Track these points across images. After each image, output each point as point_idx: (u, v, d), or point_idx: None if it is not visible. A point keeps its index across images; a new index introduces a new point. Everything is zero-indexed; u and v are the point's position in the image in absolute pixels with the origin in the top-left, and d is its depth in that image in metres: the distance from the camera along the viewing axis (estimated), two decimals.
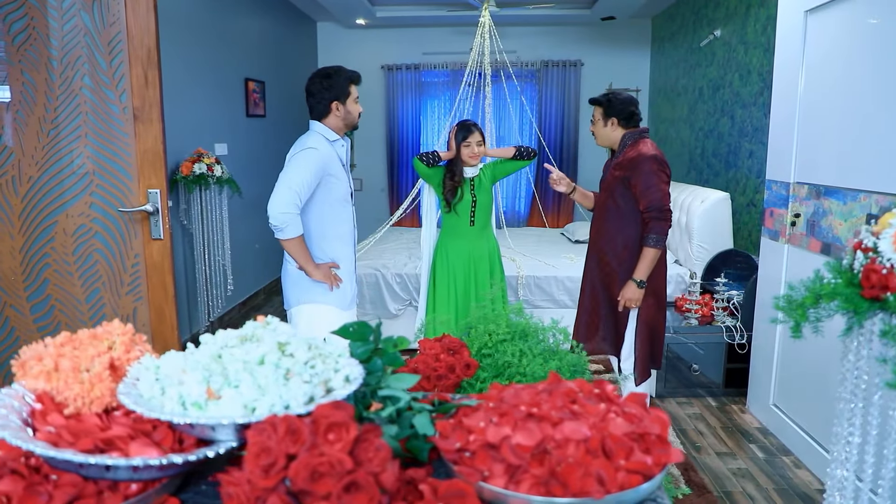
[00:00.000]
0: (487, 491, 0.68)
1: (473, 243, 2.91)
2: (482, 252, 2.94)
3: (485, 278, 2.94)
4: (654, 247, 2.47)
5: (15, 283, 2.35)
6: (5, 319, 2.39)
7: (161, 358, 0.75)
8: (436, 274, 2.91)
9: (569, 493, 0.65)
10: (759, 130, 4.15)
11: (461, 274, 2.89)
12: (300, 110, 6.71)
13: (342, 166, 2.36)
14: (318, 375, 0.71)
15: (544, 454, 0.69)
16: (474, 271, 2.90)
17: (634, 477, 0.68)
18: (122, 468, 0.63)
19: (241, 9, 4.94)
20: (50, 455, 0.60)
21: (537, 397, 0.79)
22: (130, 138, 2.30)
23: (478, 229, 2.94)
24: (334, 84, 2.30)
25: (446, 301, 2.85)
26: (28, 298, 2.37)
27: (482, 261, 2.94)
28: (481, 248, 2.94)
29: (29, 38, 2.22)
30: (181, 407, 0.66)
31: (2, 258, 2.34)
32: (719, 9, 4.87)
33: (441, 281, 2.88)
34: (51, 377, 0.72)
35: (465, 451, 0.73)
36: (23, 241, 2.34)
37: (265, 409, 0.66)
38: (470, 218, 2.89)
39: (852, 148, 2.35)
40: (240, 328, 0.78)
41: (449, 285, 2.87)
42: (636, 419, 0.75)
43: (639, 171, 2.48)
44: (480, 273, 2.92)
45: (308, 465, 0.57)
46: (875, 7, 2.23)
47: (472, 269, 2.90)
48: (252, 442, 0.59)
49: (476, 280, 2.91)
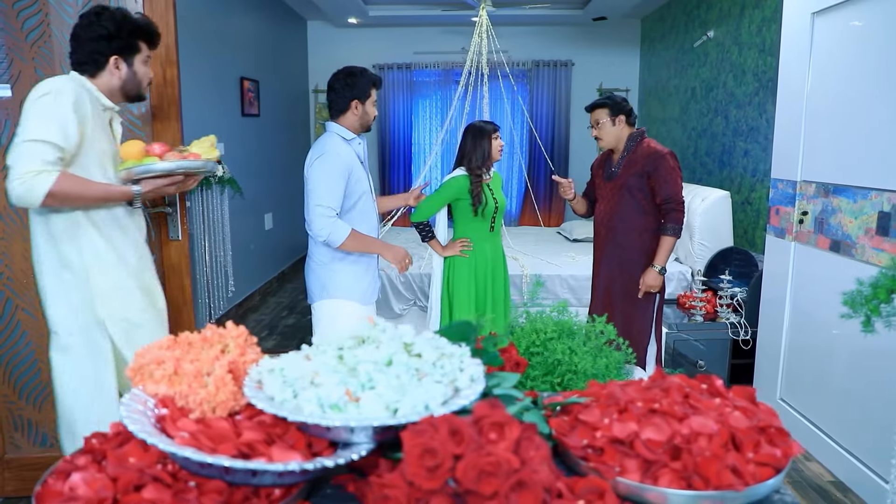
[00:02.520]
0: (622, 486, 0.68)
1: (494, 248, 2.92)
2: (499, 257, 2.95)
3: (500, 283, 2.95)
4: (672, 235, 2.65)
5: (28, 285, 2.29)
6: (17, 323, 2.32)
7: (279, 360, 0.74)
8: (453, 279, 2.87)
9: (710, 486, 0.66)
10: (755, 130, 4.22)
11: (482, 278, 2.88)
12: (293, 110, 6.66)
13: (360, 164, 2.36)
14: (447, 375, 0.71)
15: (676, 449, 0.70)
16: (492, 276, 2.91)
17: (765, 469, 0.69)
18: (269, 473, 0.62)
19: (233, 6, 4.88)
20: (205, 461, 0.59)
21: (648, 393, 0.80)
22: (148, 137, 2.26)
23: (496, 234, 2.93)
24: (357, 83, 2.30)
25: (467, 305, 2.83)
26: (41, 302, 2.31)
27: (499, 266, 2.95)
28: (498, 252, 2.95)
29: (43, 34, 2.17)
30: (320, 409, 0.66)
31: (14, 260, 2.28)
32: (712, 10, 4.95)
33: (461, 286, 2.85)
34: (173, 381, 0.71)
35: (592, 447, 0.73)
36: None
37: (408, 409, 0.65)
38: (491, 223, 2.88)
39: (861, 147, 2.41)
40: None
41: (470, 290, 2.85)
42: (751, 413, 0.77)
43: (658, 167, 2.63)
44: (497, 278, 2.93)
45: (476, 466, 0.57)
46: (882, 9, 2.29)
47: (491, 274, 2.90)
48: (413, 443, 0.59)
49: (493, 284, 2.91)
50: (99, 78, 1.77)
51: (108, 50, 1.74)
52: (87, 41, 1.72)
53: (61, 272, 1.75)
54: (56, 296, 1.77)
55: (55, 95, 1.61)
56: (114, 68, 1.76)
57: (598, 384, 0.89)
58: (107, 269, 1.78)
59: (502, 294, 2.99)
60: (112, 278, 1.79)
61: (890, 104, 2.25)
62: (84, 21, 1.72)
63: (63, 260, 1.75)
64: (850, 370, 2.45)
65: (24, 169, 1.56)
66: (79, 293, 1.76)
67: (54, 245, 1.74)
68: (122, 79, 1.79)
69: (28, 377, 2.36)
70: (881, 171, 2.30)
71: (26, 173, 1.56)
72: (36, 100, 1.61)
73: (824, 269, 2.64)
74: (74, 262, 1.75)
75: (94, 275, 1.76)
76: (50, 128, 1.59)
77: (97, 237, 1.77)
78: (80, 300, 1.76)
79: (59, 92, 1.62)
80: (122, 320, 1.80)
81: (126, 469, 0.62)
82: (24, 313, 2.32)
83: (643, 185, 2.68)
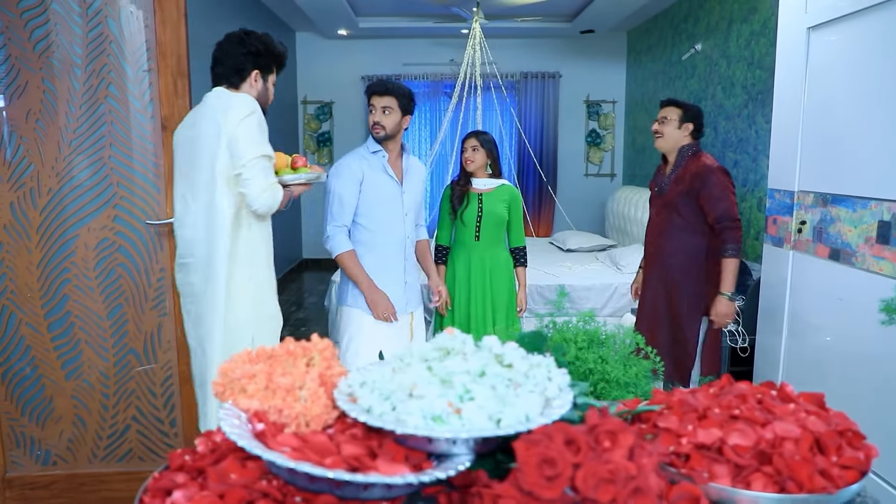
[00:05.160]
0: (714, 491, 0.69)
1: (481, 258, 2.87)
2: (490, 267, 2.89)
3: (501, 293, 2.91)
4: (732, 257, 2.56)
5: (32, 299, 2.25)
6: (20, 338, 2.28)
7: (368, 373, 0.74)
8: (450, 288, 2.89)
9: (804, 490, 0.67)
10: (745, 141, 4.32)
11: (467, 287, 2.87)
12: (283, 120, 6.63)
13: (383, 173, 2.39)
14: (539, 385, 0.72)
15: (762, 454, 0.71)
16: (482, 286, 2.87)
17: (850, 472, 0.71)
18: (378, 486, 0.62)
19: (222, 16, 4.85)
20: (325, 475, 0.59)
21: (723, 400, 0.81)
22: (158, 148, 2.24)
23: (483, 245, 2.89)
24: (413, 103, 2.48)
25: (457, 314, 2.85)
26: (45, 316, 2.27)
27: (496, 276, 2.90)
28: (486, 263, 2.88)
29: (51, 45, 2.15)
30: (423, 421, 0.66)
31: (18, 273, 2.24)
32: (699, 24, 5.07)
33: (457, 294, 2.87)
34: (265, 396, 0.70)
35: (677, 454, 0.74)
36: (41, 255, 2.24)
37: (511, 420, 0.66)
38: (475, 231, 2.87)
39: (860, 158, 2.48)
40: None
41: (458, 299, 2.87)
42: (825, 417, 0.79)
43: (708, 184, 2.54)
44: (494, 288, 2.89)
45: (596, 474, 0.58)
46: (877, 23, 2.37)
47: (481, 284, 2.87)
48: (529, 453, 0.59)
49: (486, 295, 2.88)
50: (240, 89, 1.97)
51: (252, 65, 1.98)
52: (235, 55, 1.95)
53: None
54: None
55: (258, 113, 1.88)
56: (253, 81, 1.99)
57: (661, 392, 0.91)
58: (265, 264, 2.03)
59: (504, 305, 2.96)
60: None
61: (888, 115, 2.32)
62: (234, 39, 1.98)
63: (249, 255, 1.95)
64: (849, 377, 2.51)
65: (266, 182, 1.86)
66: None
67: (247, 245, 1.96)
68: (257, 91, 2.00)
69: (31, 393, 2.31)
70: (881, 181, 2.36)
71: (270, 185, 1.87)
72: (244, 119, 1.83)
73: (823, 277, 2.70)
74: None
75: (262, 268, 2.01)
76: (265, 143, 1.88)
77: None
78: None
79: (257, 110, 1.88)
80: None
81: (231, 486, 0.62)
82: (28, 328, 2.27)
83: (692, 203, 2.58)
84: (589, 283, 4.03)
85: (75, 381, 2.32)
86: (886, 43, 2.33)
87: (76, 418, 2.34)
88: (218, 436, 0.72)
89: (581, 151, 7.27)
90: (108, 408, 2.34)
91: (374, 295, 2.36)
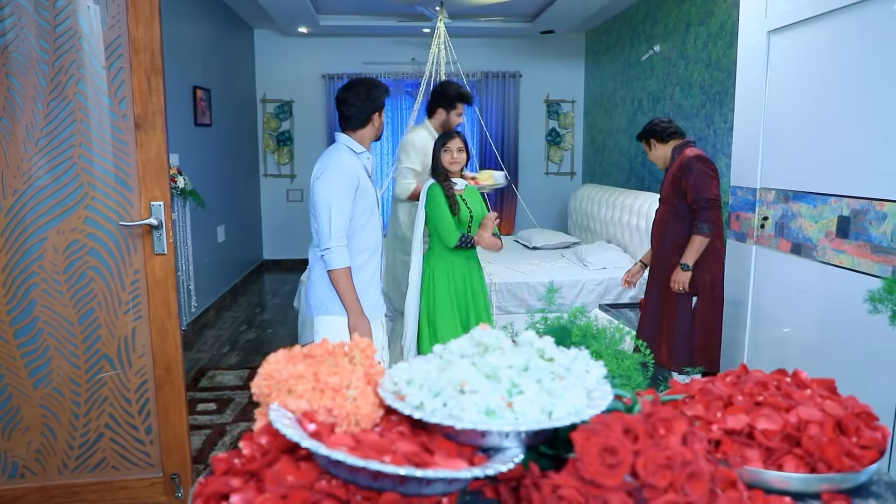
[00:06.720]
0: (747, 474, 0.73)
1: (471, 259, 2.93)
2: (477, 267, 2.97)
3: (480, 294, 2.96)
4: (700, 234, 2.84)
5: None
6: None
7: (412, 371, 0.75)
8: (435, 290, 2.87)
9: (833, 469, 0.71)
10: (703, 140, 4.47)
11: (461, 288, 2.89)
12: (242, 119, 6.49)
13: (368, 177, 2.35)
14: (580, 377, 0.74)
15: (789, 437, 0.75)
16: (471, 287, 2.91)
17: (870, 451, 0.75)
18: (439, 481, 0.63)
19: (180, 13, 4.72)
20: (396, 472, 0.59)
21: (743, 387, 0.85)
22: (130, 148, 2.17)
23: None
24: (376, 96, 2.31)
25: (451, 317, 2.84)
26: (11, 322, 2.18)
27: (476, 277, 2.96)
28: (475, 263, 2.96)
29: (16, 38, 2.05)
30: (478, 416, 0.67)
31: None
32: (657, 25, 5.21)
33: (443, 297, 2.85)
34: (314, 396, 0.70)
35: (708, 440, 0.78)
36: (6, 259, 2.14)
37: (562, 412, 0.68)
38: (468, 231, 2.90)
39: (820, 156, 2.61)
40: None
41: (452, 301, 2.86)
42: (841, 401, 0.83)
43: (688, 172, 2.84)
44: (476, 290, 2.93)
45: (655, 460, 0.60)
46: (835, 27, 2.50)
47: (470, 285, 2.91)
48: (589, 443, 0.61)
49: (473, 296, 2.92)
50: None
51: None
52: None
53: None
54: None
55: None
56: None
57: (679, 382, 0.95)
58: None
59: (483, 305, 3.00)
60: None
61: (847, 116, 2.45)
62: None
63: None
64: (810, 366, 2.64)
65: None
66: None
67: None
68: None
69: None
70: (840, 177, 2.49)
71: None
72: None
73: (786, 270, 2.83)
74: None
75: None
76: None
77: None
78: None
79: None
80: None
81: (290, 487, 0.62)
82: None
83: (677, 191, 2.87)
84: (558, 279, 4.10)
85: (44, 388, 2.23)
86: (843, 46, 2.46)
87: (45, 428, 2.25)
88: (263, 437, 0.72)
89: (542, 150, 7.38)
90: (80, 416, 2.26)
91: (359, 319, 2.28)
